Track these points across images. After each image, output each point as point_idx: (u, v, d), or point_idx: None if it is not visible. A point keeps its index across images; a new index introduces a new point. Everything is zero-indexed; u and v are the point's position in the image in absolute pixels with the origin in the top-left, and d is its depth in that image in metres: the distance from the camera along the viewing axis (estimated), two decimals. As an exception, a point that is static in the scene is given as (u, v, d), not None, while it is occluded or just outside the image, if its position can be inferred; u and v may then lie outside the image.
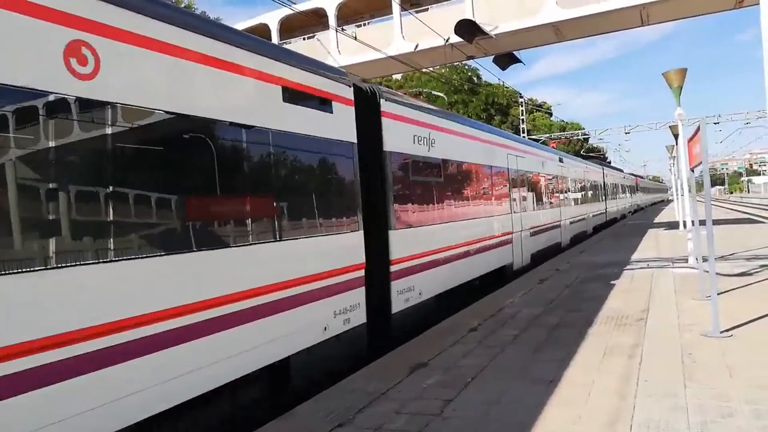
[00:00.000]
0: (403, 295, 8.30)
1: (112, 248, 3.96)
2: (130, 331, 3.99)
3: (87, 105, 3.86)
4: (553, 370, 5.89)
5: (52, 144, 3.66)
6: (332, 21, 23.14)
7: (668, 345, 6.60)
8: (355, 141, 7.32)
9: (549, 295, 10.43)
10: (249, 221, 5.38)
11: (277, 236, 5.72)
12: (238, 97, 5.39)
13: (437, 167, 10.02)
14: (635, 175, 62.59)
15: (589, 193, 27.51)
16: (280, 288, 5.62)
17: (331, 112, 6.86)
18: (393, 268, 8.05)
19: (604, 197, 32.37)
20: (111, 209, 3.99)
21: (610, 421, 4.48)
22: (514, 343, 7.16)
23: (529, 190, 16.01)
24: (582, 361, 6.18)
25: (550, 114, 69.60)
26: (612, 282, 11.51)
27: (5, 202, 3.38)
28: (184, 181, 4.71)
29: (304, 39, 25.51)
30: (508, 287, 11.84)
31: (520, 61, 23.48)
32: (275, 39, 24.60)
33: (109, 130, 4.01)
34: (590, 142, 69.36)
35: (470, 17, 20.57)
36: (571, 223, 21.68)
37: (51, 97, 3.63)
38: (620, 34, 26.82)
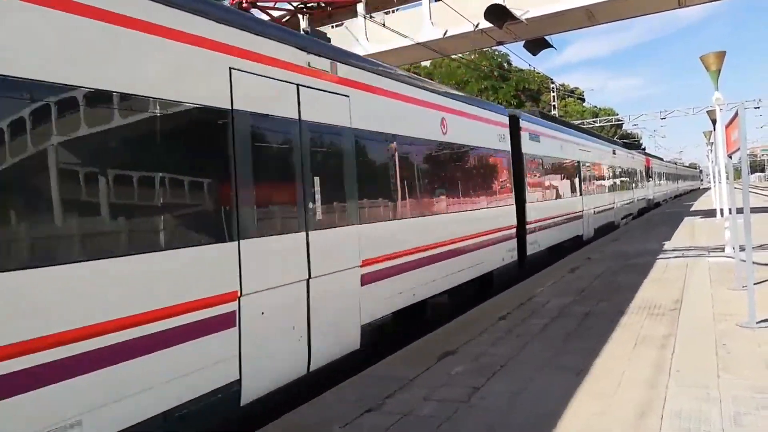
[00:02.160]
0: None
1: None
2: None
3: None
4: (583, 359, 5.86)
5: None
6: (361, 8, 23.07)
7: (702, 335, 6.49)
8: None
9: (579, 285, 10.32)
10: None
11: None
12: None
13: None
14: (648, 155, 43.11)
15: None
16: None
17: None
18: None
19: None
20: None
21: (641, 412, 4.44)
22: (543, 333, 7.13)
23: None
24: (612, 351, 6.13)
25: (583, 100, 68.26)
26: (645, 271, 11.32)
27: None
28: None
29: (332, 27, 25.51)
30: (538, 276, 11.75)
31: (552, 46, 22.98)
32: (304, 26, 24.64)
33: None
34: (624, 128, 67.83)
35: (500, 2, 20.25)
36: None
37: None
38: (657, 16, 26.11)
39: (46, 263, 3.41)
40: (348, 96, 6.60)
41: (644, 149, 56.78)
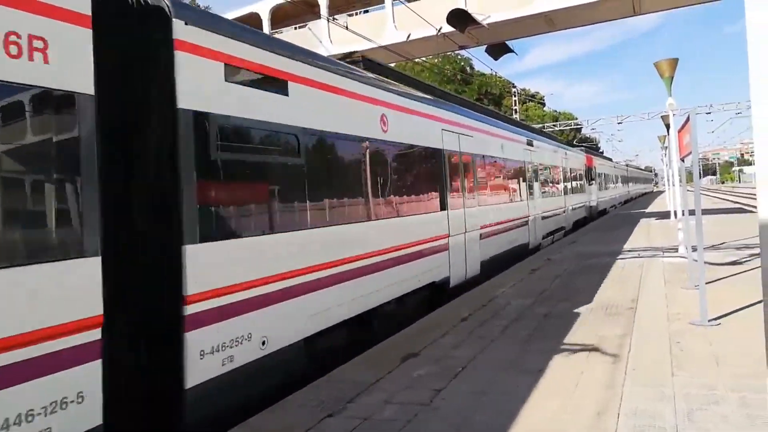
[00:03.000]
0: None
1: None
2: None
3: None
4: (543, 360, 5.93)
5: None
6: (324, 10, 22.96)
7: (656, 334, 6.66)
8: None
9: (540, 286, 10.48)
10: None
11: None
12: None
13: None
14: (591, 152, 35.47)
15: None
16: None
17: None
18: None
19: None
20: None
21: (598, 411, 4.52)
22: (504, 334, 7.19)
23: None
24: (571, 352, 6.22)
25: (543, 104, 69.69)
26: (603, 272, 11.58)
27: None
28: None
29: (295, 29, 25.32)
30: (500, 277, 11.89)
31: (513, 51, 23.42)
32: (266, 29, 24.40)
33: None
34: (583, 132, 69.55)
35: (462, 6, 20.48)
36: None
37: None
38: (614, 24, 26.80)
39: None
40: None
41: (602, 152, 58.28)
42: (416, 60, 31.82)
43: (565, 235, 21.32)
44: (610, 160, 51.21)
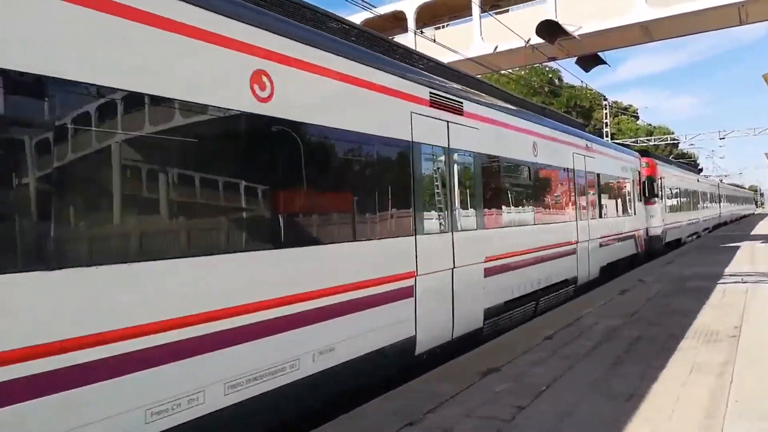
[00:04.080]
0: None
1: None
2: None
3: None
4: (633, 384, 5.62)
5: None
6: (411, 24, 23.25)
7: (763, 364, 6.13)
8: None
9: (630, 307, 9.95)
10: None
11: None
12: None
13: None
14: (656, 157, 24.02)
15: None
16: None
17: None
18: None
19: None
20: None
21: (696, 442, 4.22)
22: (590, 355, 6.89)
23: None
24: (665, 378, 5.85)
25: (637, 117, 66.54)
26: (701, 296, 10.83)
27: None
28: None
29: (383, 42, 25.79)
30: (586, 296, 11.41)
31: (605, 62, 22.58)
32: (355, 43, 25.01)
33: None
34: (680, 147, 65.64)
35: (552, 17, 20.03)
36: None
37: None
38: (716, 33, 25.21)
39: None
40: None
41: (701, 170, 54.71)
42: (502, 72, 31.43)
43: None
44: (694, 171, 39.47)
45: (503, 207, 9.15)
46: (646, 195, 19.15)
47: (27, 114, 3.33)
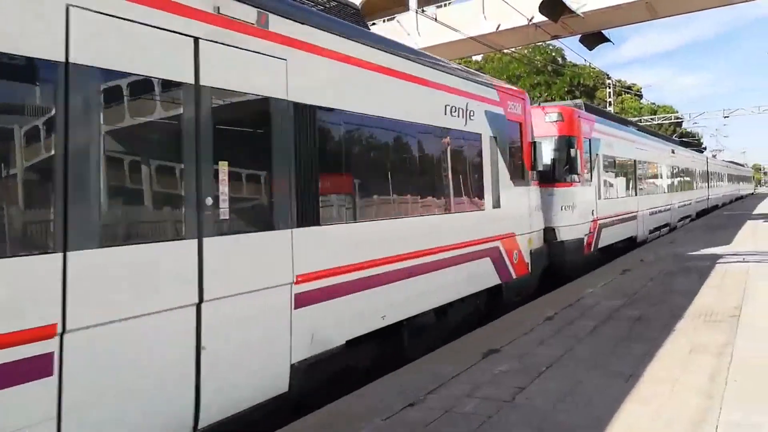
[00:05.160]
0: None
1: None
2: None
3: None
4: (633, 364, 5.67)
5: None
6: (413, 2, 22.96)
7: (763, 344, 6.17)
8: None
9: (631, 287, 9.99)
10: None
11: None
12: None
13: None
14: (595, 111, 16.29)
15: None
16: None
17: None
18: None
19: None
20: None
21: (695, 420, 4.27)
22: (592, 335, 6.94)
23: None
24: (665, 357, 5.90)
25: (640, 96, 65.99)
26: (701, 276, 10.86)
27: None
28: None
29: (384, 21, 25.50)
30: (587, 276, 11.45)
31: (609, 40, 22.28)
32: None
33: None
34: (684, 126, 65.19)
35: (556, -5, 19.73)
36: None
37: None
38: (722, 10, 24.78)
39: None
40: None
41: (704, 149, 54.35)
42: (505, 51, 31.11)
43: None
44: (662, 139, 26.09)
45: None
46: (558, 171, 11.91)
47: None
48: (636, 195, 17.02)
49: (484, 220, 8.09)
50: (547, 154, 11.54)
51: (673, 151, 24.30)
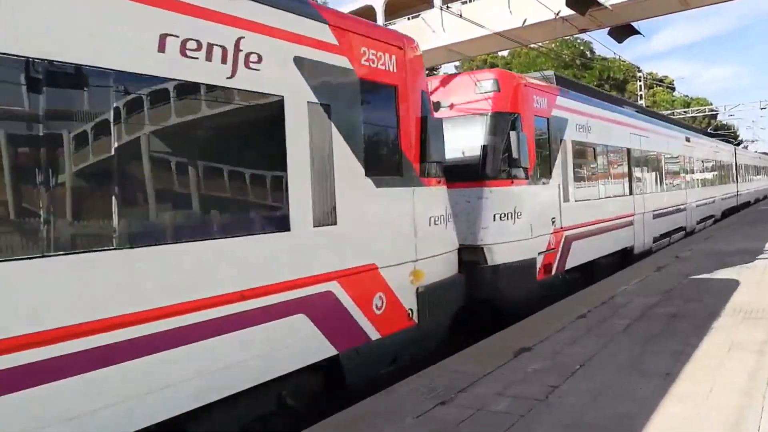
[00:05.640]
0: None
1: None
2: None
3: None
4: (669, 363, 5.55)
5: None
6: (438, -1, 22.86)
7: (806, 343, 5.97)
8: None
9: (666, 284, 9.77)
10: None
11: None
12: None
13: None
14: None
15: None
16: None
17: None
18: None
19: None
20: None
21: (734, 421, 4.16)
22: (625, 333, 6.82)
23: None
24: (702, 356, 5.76)
25: (673, 89, 64.48)
26: (740, 272, 10.55)
27: None
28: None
29: (408, 19, 25.45)
30: (621, 274, 11.24)
31: (639, 33, 21.80)
32: (380, 20, 24.77)
33: None
34: (719, 119, 63.46)
35: (584, -12, 19.40)
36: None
37: None
38: (758, -3, 23.98)
39: None
40: None
41: (740, 142, 52.77)
42: (531, 46, 30.77)
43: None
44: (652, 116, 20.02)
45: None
46: (491, 163, 8.33)
47: None
48: (631, 194, 13.42)
49: (280, 249, 4.67)
50: (475, 140, 8.35)
51: (688, 140, 20.30)
